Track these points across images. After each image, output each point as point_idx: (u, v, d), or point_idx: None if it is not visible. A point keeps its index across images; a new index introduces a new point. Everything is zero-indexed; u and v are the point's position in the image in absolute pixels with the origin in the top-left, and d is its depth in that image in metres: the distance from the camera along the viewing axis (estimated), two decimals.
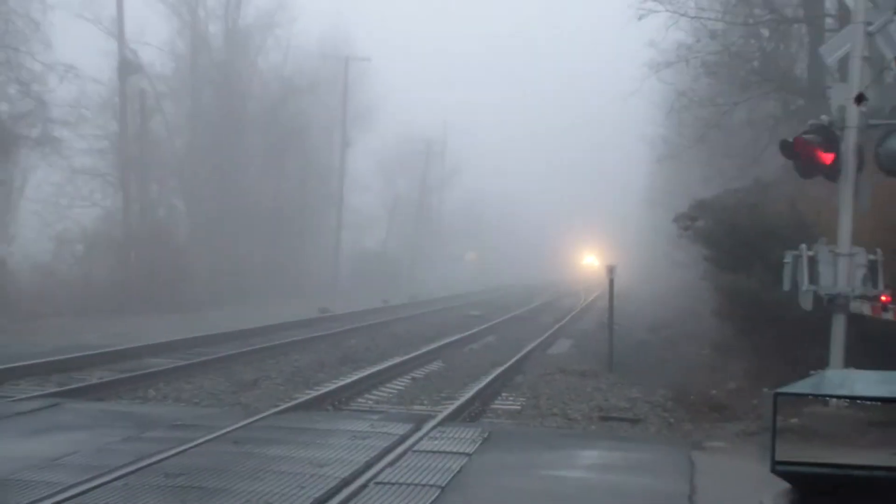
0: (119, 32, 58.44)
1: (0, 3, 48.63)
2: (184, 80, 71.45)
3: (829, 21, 35.86)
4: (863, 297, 21.38)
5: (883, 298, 21.24)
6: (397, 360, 33.75)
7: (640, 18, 42.80)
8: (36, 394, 24.55)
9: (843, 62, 22.82)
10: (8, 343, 35.49)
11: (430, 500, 14.46)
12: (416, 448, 18.49)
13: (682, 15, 44.20)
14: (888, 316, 21.08)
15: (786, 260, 22.12)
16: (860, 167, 21.64)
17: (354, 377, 29.18)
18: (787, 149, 22.42)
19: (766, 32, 43.23)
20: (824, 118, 22.64)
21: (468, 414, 24.01)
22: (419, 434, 19.91)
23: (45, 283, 53.55)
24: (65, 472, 15.59)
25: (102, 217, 60.75)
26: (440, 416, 22.45)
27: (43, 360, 30.13)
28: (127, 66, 58.94)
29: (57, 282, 54.74)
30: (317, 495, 14.45)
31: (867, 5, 21.80)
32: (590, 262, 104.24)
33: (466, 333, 45.48)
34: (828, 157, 21.71)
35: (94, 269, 57.91)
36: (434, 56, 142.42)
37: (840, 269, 21.50)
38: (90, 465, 16.10)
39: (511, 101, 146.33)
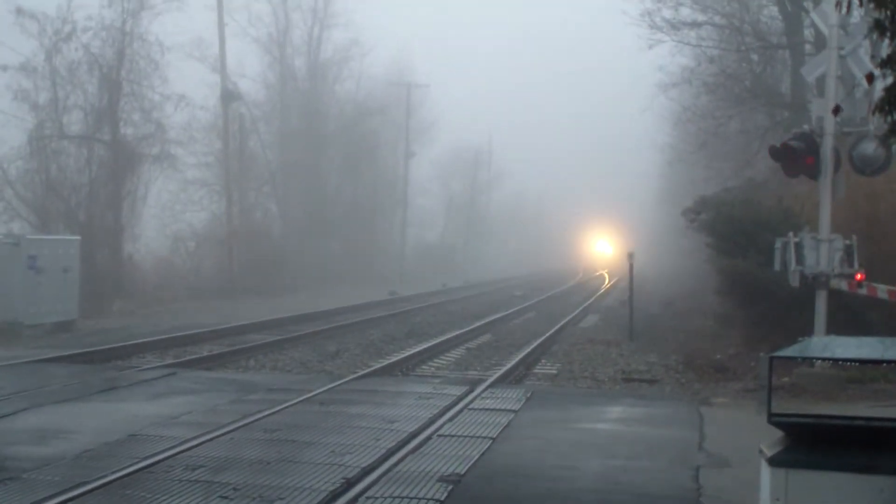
0: (221, 68, 58.70)
1: (126, 47, 49.14)
2: (274, 106, 71.87)
3: (807, 47, 35.69)
4: (840, 276, 21.43)
5: (857, 277, 21.31)
6: (454, 333, 33.76)
7: (650, 48, 43.01)
8: (157, 364, 24.77)
9: (821, 80, 22.79)
10: (135, 324, 35.79)
11: (483, 450, 14.46)
12: (471, 406, 18.51)
13: (686, 44, 44.39)
14: (862, 291, 21.15)
15: (776, 245, 22.18)
16: (836, 167, 21.66)
17: (419, 348, 29.24)
18: (776, 153, 22.44)
19: (755, 57, 43.11)
20: (806, 127, 22.71)
21: (514, 377, 23.98)
22: (473, 395, 19.93)
23: (165, 274, 54.07)
24: (182, 428, 15.69)
25: (209, 219, 61.27)
26: (490, 380, 22.44)
27: (162, 336, 30.35)
28: (228, 95, 59.29)
29: (174, 273, 55.28)
30: (389, 446, 14.49)
31: (840, 33, 21.85)
32: (608, 251, 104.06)
33: (511, 311, 45.48)
34: (810, 160, 21.74)
35: (203, 262, 58.47)
36: (480, 80, 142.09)
37: (821, 252, 21.53)
38: (202, 422, 16.21)
39: (548, 116, 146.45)
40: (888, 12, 5.28)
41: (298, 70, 75.69)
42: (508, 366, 25.38)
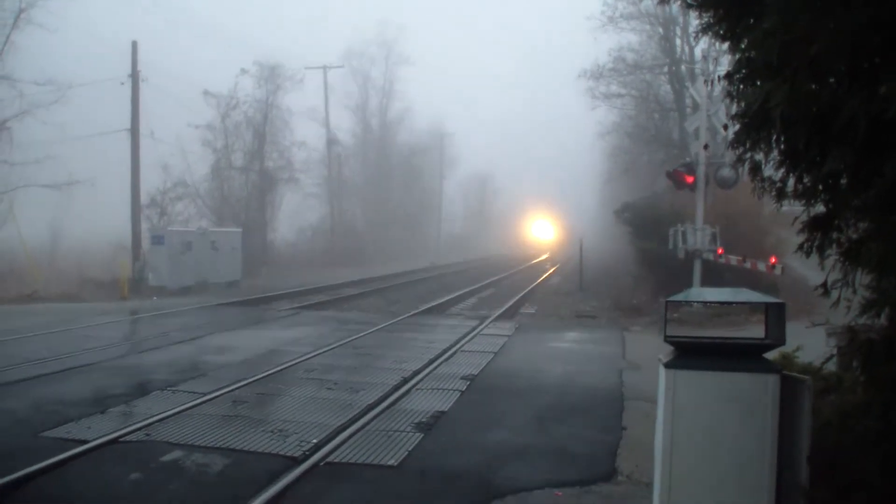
0: (327, 124, 58.81)
1: (269, 112, 49.59)
2: (358, 148, 71.74)
3: (688, 109, 35.46)
4: (709, 251, 21.56)
5: (719, 251, 21.40)
6: (470, 288, 33.78)
7: (592, 109, 42.87)
8: (287, 307, 24.85)
9: (697, 130, 22.81)
10: (274, 283, 35.89)
11: (489, 360, 14.53)
12: (482, 332, 18.56)
13: (614, 108, 44.33)
14: (722, 260, 21.24)
15: (670, 232, 22.25)
16: (706, 184, 21.73)
17: (449, 297, 29.26)
18: (670, 176, 22.54)
19: (657, 116, 42.93)
20: (688, 159, 22.79)
21: (507, 314, 23.98)
22: (483, 325, 19.97)
23: (291, 252, 54.20)
24: (303, 346, 15.79)
25: (320, 218, 61.41)
26: (493, 316, 22.49)
27: (291, 290, 30.48)
28: (331, 142, 59.42)
29: (297, 251, 55.37)
30: (430, 357, 14.57)
31: (707, 101, 21.97)
32: (552, 236, 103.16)
33: (506, 274, 45.53)
34: (690, 179, 21.80)
35: (315, 244, 58.52)
36: (488, 124, 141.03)
37: (697, 236, 21.66)
38: (316, 342, 16.30)
39: (531, 149, 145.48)
40: (735, 87, 5.30)
41: (374, 126, 75.59)
42: (504, 308, 25.40)
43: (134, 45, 33.16)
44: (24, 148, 33.65)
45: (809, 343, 8.30)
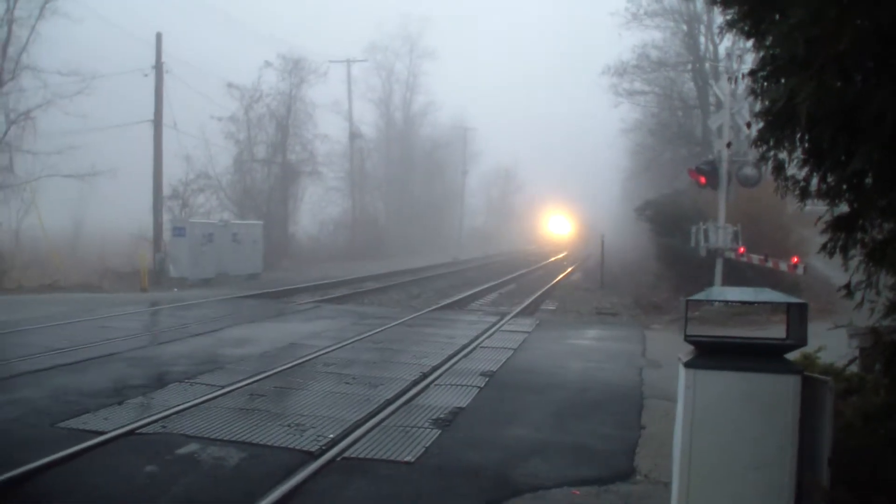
0: (350, 118, 59.01)
1: (292, 105, 49.77)
2: (381, 141, 71.77)
3: (711, 107, 35.28)
4: (730, 249, 21.51)
5: (741, 250, 21.36)
6: (491, 283, 33.69)
7: (615, 107, 42.93)
8: (308, 301, 24.86)
9: (719, 128, 22.78)
10: (295, 276, 35.98)
11: (508, 356, 14.47)
12: (501, 329, 18.49)
13: (637, 105, 44.41)
14: (743, 259, 21.20)
15: (692, 230, 22.18)
16: (728, 182, 21.68)
17: (470, 292, 29.19)
18: (692, 173, 22.51)
19: (680, 113, 42.78)
20: (710, 157, 22.78)
21: (528, 311, 23.87)
22: (503, 321, 19.90)
23: (313, 246, 54.40)
24: (323, 339, 15.78)
25: (341, 212, 61.61)
26: (513, 312, 22.41)
27: (311, 283, 30.52)
28: (353, 135, 59.56)
29: (318, 245, 55.58)
30: (450, 353, 14.51)
31: (731, 98, 21.95)
32: (568, 230, 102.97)
33: (527, 269, 45.34)
34: (712, 177, 21.74)
35: (337, 238, 58.71)
36: (510, 118, 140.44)
37: (719, 234, 21.64)
38: (335, 336, 16.29)
39: (553, 144, 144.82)
40: (759, 84, 5.23)
41: (397, 120, 75.66)
42: (525, 304, 25.33)
43: (158, 36, 33.30)
44: (48, 138, 34.00)
45: (832, 344, 8.21)
